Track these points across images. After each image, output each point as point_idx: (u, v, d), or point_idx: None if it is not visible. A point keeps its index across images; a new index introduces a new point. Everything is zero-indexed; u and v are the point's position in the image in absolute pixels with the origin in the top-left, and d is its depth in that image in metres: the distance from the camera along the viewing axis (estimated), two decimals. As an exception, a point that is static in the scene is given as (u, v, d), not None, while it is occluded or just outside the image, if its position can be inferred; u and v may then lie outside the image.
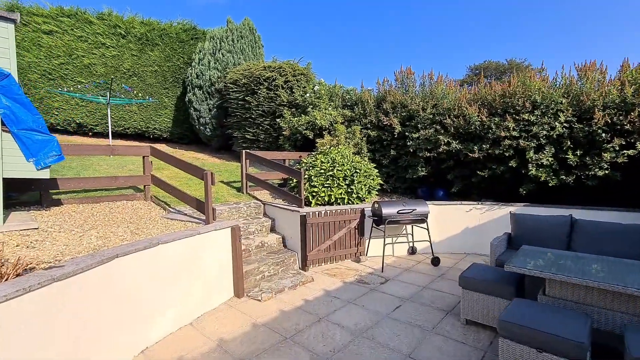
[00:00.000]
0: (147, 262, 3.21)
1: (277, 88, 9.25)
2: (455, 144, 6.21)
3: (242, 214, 6.00)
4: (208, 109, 11.24)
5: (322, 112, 8.12)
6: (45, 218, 4.04)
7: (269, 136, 9.59)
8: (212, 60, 11.19)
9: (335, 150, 6.72)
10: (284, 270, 5.19)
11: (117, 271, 2.90)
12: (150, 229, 4.21)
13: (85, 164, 7.89)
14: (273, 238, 5.66)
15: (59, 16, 11.73)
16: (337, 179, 6.15)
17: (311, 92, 8.51)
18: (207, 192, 4.41)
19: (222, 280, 4.22)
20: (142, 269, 3.15)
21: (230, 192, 6.91)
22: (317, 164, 6.34)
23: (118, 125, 12.63)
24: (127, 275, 3.00)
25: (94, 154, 4.96)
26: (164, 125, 12.94)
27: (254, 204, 6.31)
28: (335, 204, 6.17)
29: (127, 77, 12.30)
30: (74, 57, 11.91)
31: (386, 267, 5.48)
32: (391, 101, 7.31)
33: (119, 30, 12.13)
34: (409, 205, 5.51)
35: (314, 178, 6.14)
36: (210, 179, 4.37)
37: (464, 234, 6.22)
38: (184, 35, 12.70)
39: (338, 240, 5.66)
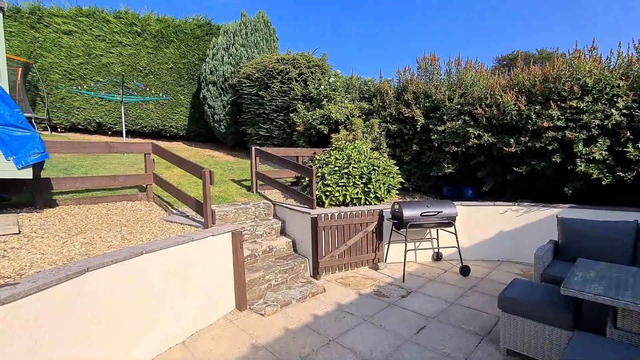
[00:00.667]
0: (128, 275, 2.76)
1: (290, 81, 8.73)
2: (488, 137, 5.46)
3: (249, 216, 5.53)
4: (222, 106, 10.90)
5: (337, 105, 7.52)
6: (33, 221, 3.71)
7: (283, 132, 9.10)
8: (225, 55, 10.82)
9: (351, 145, 6.13)
10: (293, 279, 4.67)
11: (88, 287, 2.47)
12: (144, 233, 3.80)
13: (97, 163, 7.69)
14: (282, 242, 5.15)
15: (77, 16, 11.72)
16: (353, 177, 5.56)
17: (326, 84, 7.93)
18: (206, 193, 3.95)
19: (222, 292, 3.75)
20: (122, 282, 2.71)
21: (240, 192, 6.47)
22: (331, 161, 5.77)
23: (135, 123, 12.56)
24: (102, 291, 2.56)
25: (91, 151, 4.63)
26: (180, 123, 12.76)
27: (264, 204, 5.83)
28: (351, 204, 5.58)
29: (144, 75, 12.18)
30: (93, 56, 11.89)
31: (408, 276, 4.84)
32: (413, 91, 6.61)
33: (135, 28, 12.01)
34: (434, 207, 4.84)
35: (327, 176, 5.58)
36: (208, 178, 3.91)
37: (498, 239, 5.47)
38: (199, 31, 12.43)
39: (353, 246, 5.08)
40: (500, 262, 5.42)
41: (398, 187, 5.92)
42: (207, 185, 3.91)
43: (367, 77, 7.91)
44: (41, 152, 3.38)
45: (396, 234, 5.22)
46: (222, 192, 6.27)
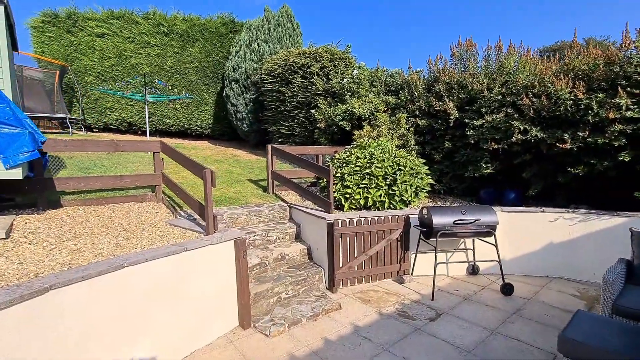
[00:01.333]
0: (105, 291, 2.38)
1: (312, 75, 8.23)
2: (535, 132, 4.62)
3: (262, 219, 5.09)
4: (244, 104, 10.62)
5: (361, 99, 6.91)
6: (29, 224, 3.47)
7: (304, 130, 8.62)
8: (247, 51, 10.52)
9: (374, 143, 5.51)
10: (306, 291, 4.16)
11: (52, 308, 2.10)
12: (142, 239, 3.45)
13: (119, 162, 7.60)
14: (296, 249, 4.66)
15: (109, 19, 11.92)
16: (376, 178, 4.95)
17: (349, 77, 7.34)
18: (207, 196, 3.53)
19: (223, 307, 3.32)
20: (96, 300, 2.33)
21: (255, 192, 6.06)
22: (351, 160, 5.19)
23: (163, 123, 12.63)
24: (70, 311, 2.19)
25: (97, 150, 4.39)
26: (205, 122, 12.69)
27: (279, 206, 5.37)
28: (373, 208, 4.98)
29: (170, 74, 12.20)
30: (123, 58, 12.06)
31: (438, 292, 4.17)
32: (446, 81, 5.87)
33: (162, 28, 12.04)
34: (470, 214, 4.13)
35: (347, 177, 5.01)
36: (209, 179, 3.48)
37: (546, 252, 4.64)
38: (223, 29, 12.26)
39: (375, 255, 4.48)
40: (550, 279, 4.58)
41: (427, 189, 5.23)
42: (209, 187, 3.49)
43: (394, 68, 7.25)
44: (31, 151, 3.11)
45: (424, 243, 4.56)
46: (237, 193, 5.89)
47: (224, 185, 6.31)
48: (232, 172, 7.65)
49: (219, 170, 7.65)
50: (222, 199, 5.48)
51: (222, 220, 4.63)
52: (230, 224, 4.74)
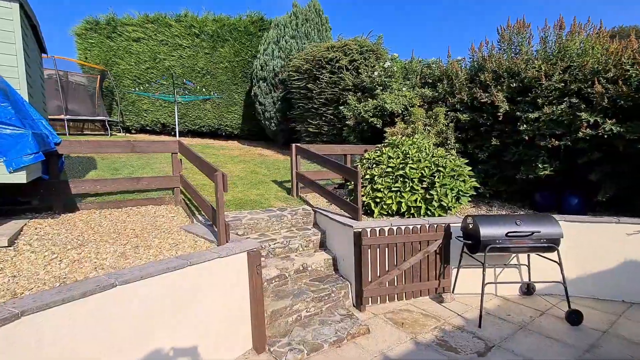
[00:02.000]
0: (91, 316, 2.05)
1: (340, 70, 7.71)
2: (610, 125, 3.79)
3: (284, 225, 4.67)
4: (272, 102, 10.33)
5: (393, 94, 6.30)
6: (39, 229, 3.30)
7: (333, 128, 8.13)
8: (275, 49, 10.21)
9: (408, 141, 4.90)
10: (330, 309, 3.68)
11: (24, 338, 1.79)
12: (151, 248, 3.15)
13: (148, 162, 7.56)
14: (320, 259, 4.19)
15: (145, 23, 12.16)
16: (410, 181, 4.35)
17: (380, 70, 6.74)
18: (218, 202, 3.16)
19: (234, 329, 2.93)
20: (81, 328, 2.00)
21: (279, 195, 5.67)
22: (382, 160, 4.63)
23: (195, 124, 12.73)
24: (48, 341, 1.87)
25: (113, 151, 4.21)
26: (235, 122, 12.61)
27: (303, 210, 4.93)
28: (407, 214, 4.38)
29: (201, 75, 12.24)
30: (157, 60, 12.26)
31: (486, 317, 3.51)
32: (492, 69, 5.10)
33: (194, 30, 12.09)
34: (527, 224, 3.42)
35: (377, 179, 4.46)
36: (221, 183, 3.10)
37: (623, 272, 3.79)
38: (252, 27, 12.08)
39: (409, 270, 3.89)
40: (628, 306, 3.74)
41: (471, 193, 4.54)
42: (220, 192, 3.11)
43: (432, 58, 6.54)
44: (34, 153, 2.90)
45: (468, 257, 3.89)
46: (260, 196, 5.53)
47: (247, 187, 5.99)
48: (257, 172, 7.35)
49: (244, 171, 7.38)
50: (244, 202, 5.14)
51: (240, 226, 4.27)
52: (250, 230, 4.37)
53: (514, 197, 5.35)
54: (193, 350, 2.61)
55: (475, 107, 5.34)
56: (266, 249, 4.07)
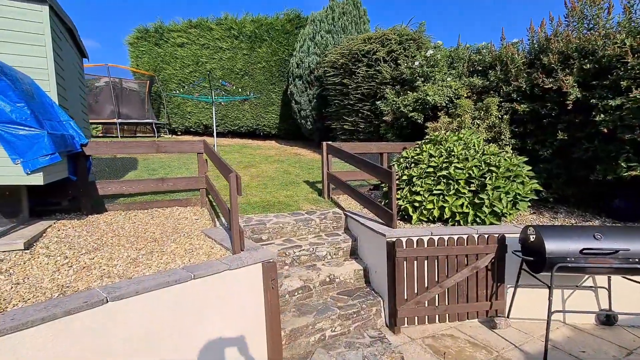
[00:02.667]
0: (76, 337, 1.82)
1: (377, 62, 7.15)
2: None
3: (312, 229, 4.28)
4: (308, 100, 10.02)
5: (436, 85, 5.62)
6: (61, 231, 3.25)
7: (370, 124, 7.59)
8: (311, 45, 9.88)
9: (453, 137, 4.25)
10: (358, 329, 3.22)
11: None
12: (165, 254, 2.94)
13: (186, 163, 7.63)
14: (350, 269, 3.74)
15: (188, 28, 12.52)
16: (456, 183, 3.73)
17: (422, 60, 6.08)
18: (232, 207, 2.84)
19: (246, 351, 2.59)
20: (64, 351, 1.77)
21: (309, 197, 5.30)
22: (422, 159, 4.04)
23: (234, 124, 12.88)
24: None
25: (137, 151, 4.12)
26: (272, 121, 12.53)
27: (333, 214, 4.52)
28: (452, 222, 3.77)
29: (240, 76, 12.32)
30: (200, 64, 12.58)
31: (553, 352, 2.82)
32: (559, 50, 4.25)
33: (233, 32, 12.21)
34: (611, 239, 2.67)
35: (416, 180, 3.89)
36: (235, 185, 2.78)
37: None
38: (289, 25, 11.90)
39: (454, 288, 3.29)
40: None
41: (531, 197, 3.79)
42: (234, 196, 2.79)
43: (482, 42, 5.74)
44: (50, 154, 2.81)
45: (528, 275, 3.19)
46: (289, 197, 5.20)
47: (276, 188, 5.70)
48: (289, 172, 7.06)
49: (277, 171, 7.14)
50: (271, 204, 4.84)
51: (264, 231, 3.96)
52: (275, 235, 4.04)
53: (584, 202, 4.45)
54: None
55: (536, 96, 4.52)
56: (290, 256, 3.72)
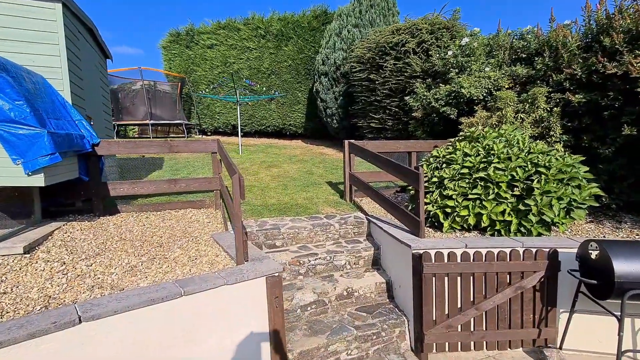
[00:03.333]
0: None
1: (407, 55, 6.61)
2: None
3: (331, 235, 3.91)
4: (334, 98, 9.65)
5: (472, 76, 5.03)
6: (68, 234, 3.13)
7: (398, 122, 7.07)
8: (337, 40, 9.48)
9: (492, 133, 3.69)
10: (379, 352, 2.81)
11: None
12: (166, 261, 2.72)
13: (208, 163, 7.55)
14: (371, 282, 3.33)
15: (217, 30, 12.60)
16: (495, 186, 3.19)
17: (456, 49, 5.48)
18: (234, 214, 2.54)
19: (247, 373, 2.28)
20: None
21: (330, 199, 4.93)
22: (455, 159, 3.53)
23: (261, 124, 12.80)
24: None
25: (149, 151, 3.97)
26: (298, 120, 12.29)
27: (355, 218, 4.12)
28: (490, 231, 3.24)
29: (267, 75, 12.21)
30: (228, 64, 12.62)
31: (622, 400, 2.24)
32: (624, 28, 3.54)
33: (260, 31, 12.12)
34: None
35: (448, 182, 3.39)
36: (237, 188, 2.47)
37: None
38: (315, 22, 11.59)
39: (493, 311, 2.77)
40: None
41: (590, 204, 3.15)
42: (236, 200, 2.49)
43: (526, 26, 5.04)
44: (50, 154, 2.67)
45: (587, 299, 2.61)
46: (308, 200, 4.87)
47: (297, 190, 5.39)
48: (312, 173, 6.74)
49: (299, 171, 6.84)
50: (289, 206, 4.53)
51: (278, 236, 3.65)
52: (290, 241, 3.72)
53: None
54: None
55: (595, 84, 3.83)
56: (305, 265, 3.38)
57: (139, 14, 56.12)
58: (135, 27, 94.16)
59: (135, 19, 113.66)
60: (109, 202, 3.83)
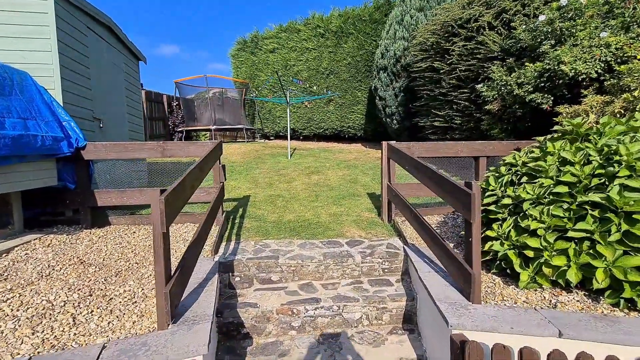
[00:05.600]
0: None
1: (480, 32, 5.09)
2: None
3: (348, 272, 2.84)
4: (393, 95, 8.38)
5: (578, 46, 3.39)
6: (29, 251, 2.70)
7: (468, 118, 5.55)
8: (399, 29, 8.20)
9: (616, 126, 2.18)
10: None
11: None
12: (99, 305, 2.04)
13: (248, 168, 7.10)
14: (393, 357, 2.16)
15: (279, 33, 12.42)
16: (625, 218, 1.74)
17: (552, 13, 3.84)
18: (156, 248, 1.70)
19: None
20: None
21: (363, 217, 3.83)
22: (544, 168, 2.14)
23: (319, 127, 12.15)
24: None
25: (141, 155, 3.42)
26: (357, 122, 11.26)
27: (388, 247, 2.99)
28: (612, 297, 1.79)
29: (325, 76, 11.51)
30: (288, 67, 12.31)
31: None
32: None
33: (319, 30, 11.51)
34: None
35: (530, 208, 2.04)
36: (159, 213, 1.62)
37: None
38: (377, 14, 10.47)
39: None
40: None
41: None
42: (157, 232, 1.64)
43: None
44: None
45: None
46: (334, 217, 3.85)
47: (327, 202, 4.41)
48: (356, 181, 5.67)
49: (341, 179, 5.84)
50: (306, 225, 3.58)
51: (275, 268, 2.75)
52: (291, 275, 2.77)
53: None
54: None
55: None
56: (300, 316, 2.39)
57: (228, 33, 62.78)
58: (225, 43, 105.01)
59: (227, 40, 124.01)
60: (97, 213, 3.40)
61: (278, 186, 5.37)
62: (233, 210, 4.09)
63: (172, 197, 1.68)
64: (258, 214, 3.93)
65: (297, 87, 12.03)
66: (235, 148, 9.70)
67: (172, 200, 1.68)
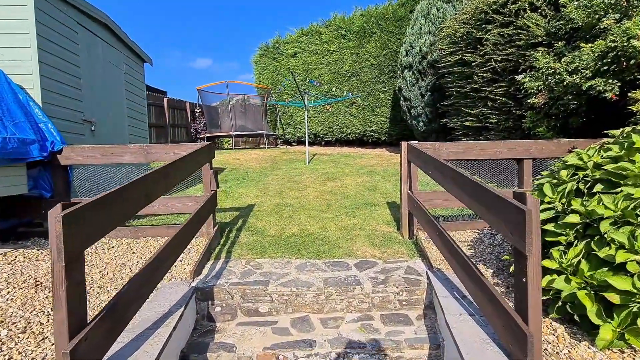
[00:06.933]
0: None
1: (520, 15, 4.35)
2: None
3: (355, 303, 2.25)
4: (419, 95, 7.68)
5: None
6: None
7: (506, 116, 4.78)
8: (424, 23, 7.54)
9: None
10: None
11: None
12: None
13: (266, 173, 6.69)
14: None
15: (300, 37, 12.12)
16: None
17: (618, -20, 3.08)
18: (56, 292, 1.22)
19: None
20: None
21: (380, 230, 3.22)
22: (631, 171, 1.45)
23: (341, 132, 11.63)
24: None
25: (122, 159, 3.04)
26: (381, 126, 10.62)
27: (407, 272, 2.39)
28: None
29: (347, 78, 11.02)
30: (309, 71, 11.95)
31: None
32: None
33: (341, 31, 11.07)
34: None
35: (609, 230, 1.36)
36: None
37: None
38: (401, 11, 9.85)
39: None
40: None
41: None
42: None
43: None
44: None
45: None
46: (346, 230, 3.27)
47: (340, 213, 3.84)
48: (375, 189, 5.06)
49: (359, 187, 5.24)
50: (310, 240, 3.03)
51: (264, 297, 2.23)
52: (283, 306, 2.23)
53: None
54: None
55: None
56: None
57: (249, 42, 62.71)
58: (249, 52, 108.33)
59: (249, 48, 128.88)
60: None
61: (288, 194, 4.88)
62: (232, 221, 3.62)
63: (90, 212, 1.21)
64: (258, 227, 3.43)
65: (318, 91, 11.60)
66: (254, 154, 9.36)
67: (89, 216, 1.21)
